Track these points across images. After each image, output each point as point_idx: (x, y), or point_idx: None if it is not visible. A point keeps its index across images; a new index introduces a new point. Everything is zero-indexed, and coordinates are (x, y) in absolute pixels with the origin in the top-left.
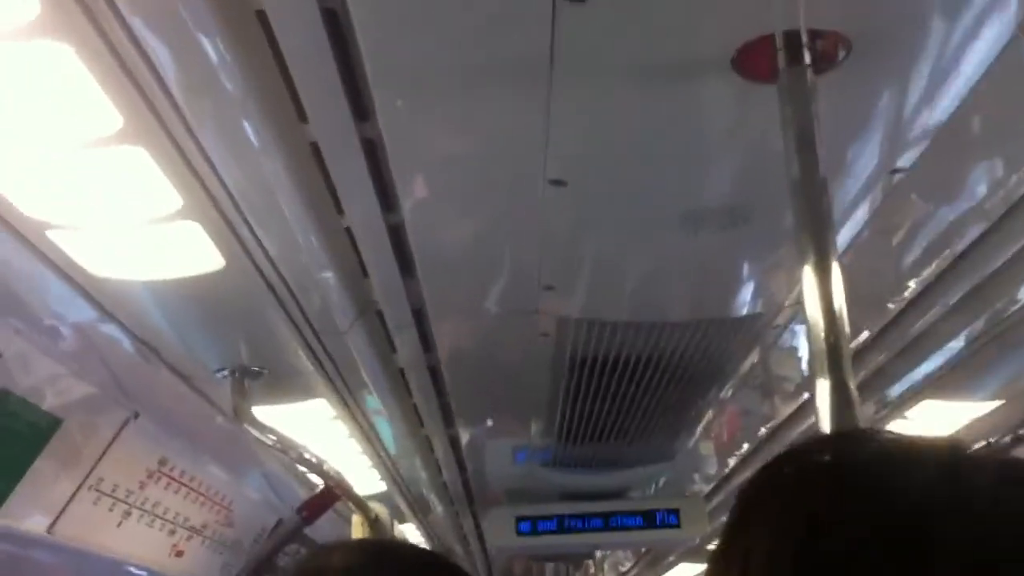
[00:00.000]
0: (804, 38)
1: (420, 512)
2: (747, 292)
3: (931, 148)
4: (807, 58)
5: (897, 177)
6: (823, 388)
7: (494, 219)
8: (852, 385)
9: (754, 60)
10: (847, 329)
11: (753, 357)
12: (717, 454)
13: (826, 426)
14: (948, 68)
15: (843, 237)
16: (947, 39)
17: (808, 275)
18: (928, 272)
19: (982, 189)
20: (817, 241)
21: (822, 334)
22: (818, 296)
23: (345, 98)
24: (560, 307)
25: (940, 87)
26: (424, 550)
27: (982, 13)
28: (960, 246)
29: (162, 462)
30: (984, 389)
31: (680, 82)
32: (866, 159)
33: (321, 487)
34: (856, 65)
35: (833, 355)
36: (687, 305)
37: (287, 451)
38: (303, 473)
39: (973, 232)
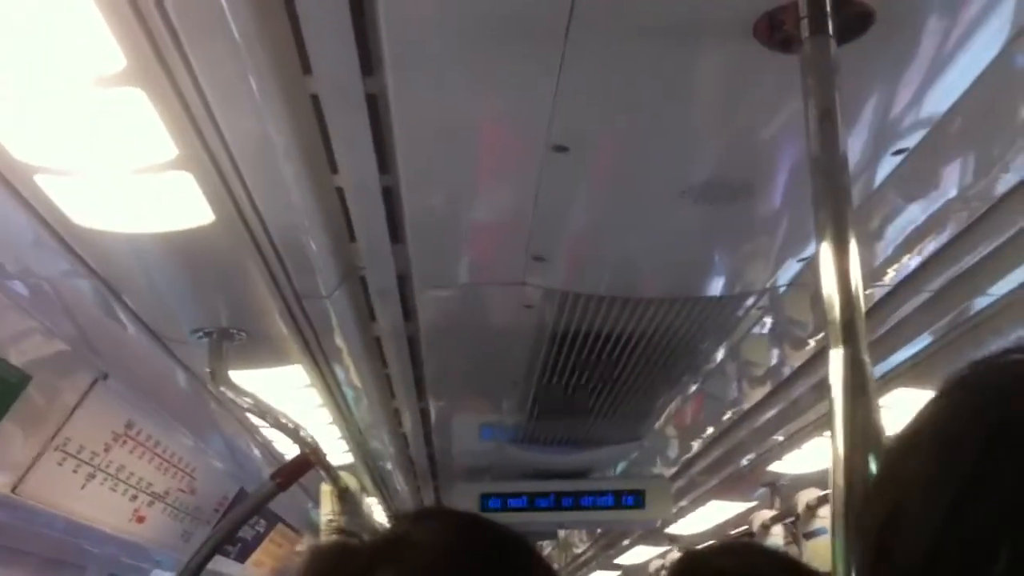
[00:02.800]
0: (829, 7)
1: (383, 486)
2: (737, 270)
3: (931, 133)
4: (831, 27)
5: (896, 159)
6: (837, 361)
7: (491, 185)
8: (867, 359)
9: (776, 28)
10: (863, 305)
11: (732, 339)
12: (683, 437)
13: (839, 401)
14: (955, 53)
15: None
16: (960, 22)
17: (825, 249)
18: (913, 259)
19: (972, 178)
20: (835, 215)
21: (837, 308)
22: (835, 271)
23: (355, 49)
24: (547, 279)
25: (947, 72)
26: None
27: None
28: (946, 235)
29: (129, 425)
30: None
31: (698, 49)
32: (868, 138)
33: (295, 455)
34: (878, 37)
35: (848, 329)
36: (675, 281)
37: (263, 415)
38: (267, 443)
39: (959, 222)
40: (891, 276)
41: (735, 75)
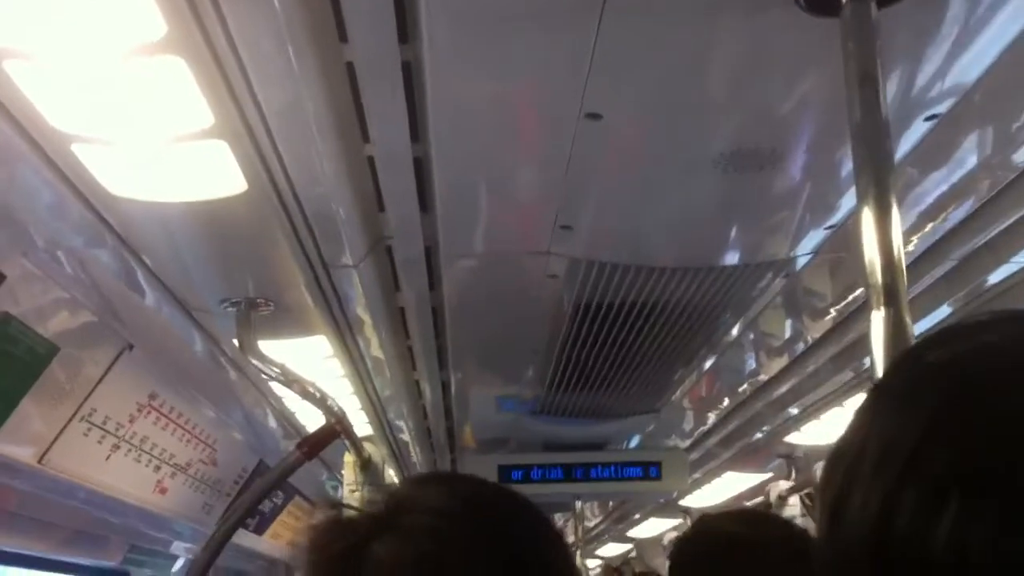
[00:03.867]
0: None
1: (400, 457)
2: (761, 239)
3: (961, 100)
4: None
5: (927, 125)
6: (879, 324)
7: (523, 153)
8: (909, 321)
9: None
10: (904, 269)
11: (753, 309)
12: (700, 409)
13: (880, 363)
14: (990, 18)
15: None
16: None
17: (867, 214)
18: (933, 227)
19: (1002, 146)
20: (877, 180)
21: (879, 272)
22: (876, 235)
23: (393, 16)
24: (574, 248)
25: (982, 38)
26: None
27: None
28: (972, 202)
29: (152, 396)
30: None
31: (738, 14)
32: (901, 103)
33: (320, 425)
34: (918, 2)
35: (890, 293)
36: (701, 251)
37: (290, 385)
38: (287, 415)
39: (985, 190)
40: (915, 244)
41: (773, 41)
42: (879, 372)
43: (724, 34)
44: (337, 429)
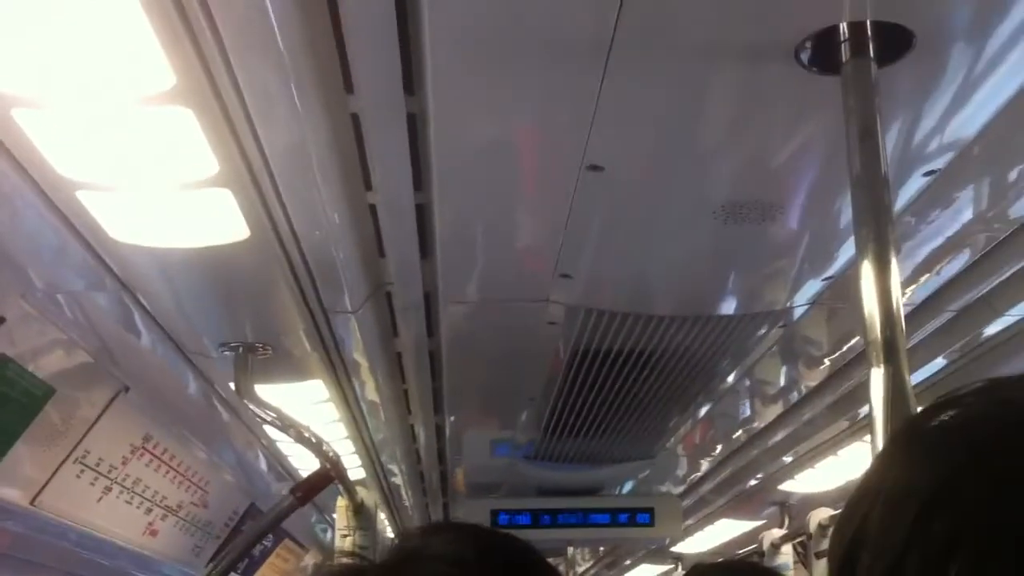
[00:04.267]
0: (870, 30)
1: (392, 501)
2: (759, 289)
3: (960, 155)
4: (872, 50)
5: (925, 180)
6: (878, 380)
7: (524, 202)
8: (908, 378)
9: (817, 51)
10: (903, 324)
11: (750, 358)
12: (694, 455)
13: (880, 418)
14: (988, 75)
15: None
16: (997, 45)
17: (866, 268)
18: (927, 279)
19: (998, 200)
20: (877, 234)
21: (879, 327)
22: (876, 290)
23: (399, 69)
24: (573, 296)
25: (980, 94)
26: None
27: None
28: (968, 256)
29: (146, 438)
30: None
31: (740, 70)
32: (900, 159)
33: (314, 469)
34: (916, 61)
35: (890, 348)
36: (700, 300)
37: (286, 430)
38: (279, 458)
39: (982, 243)
40: (911, 296)
41: (773, 96)
42: (879, 426)
43: (726, 89)
44: (332, 474)
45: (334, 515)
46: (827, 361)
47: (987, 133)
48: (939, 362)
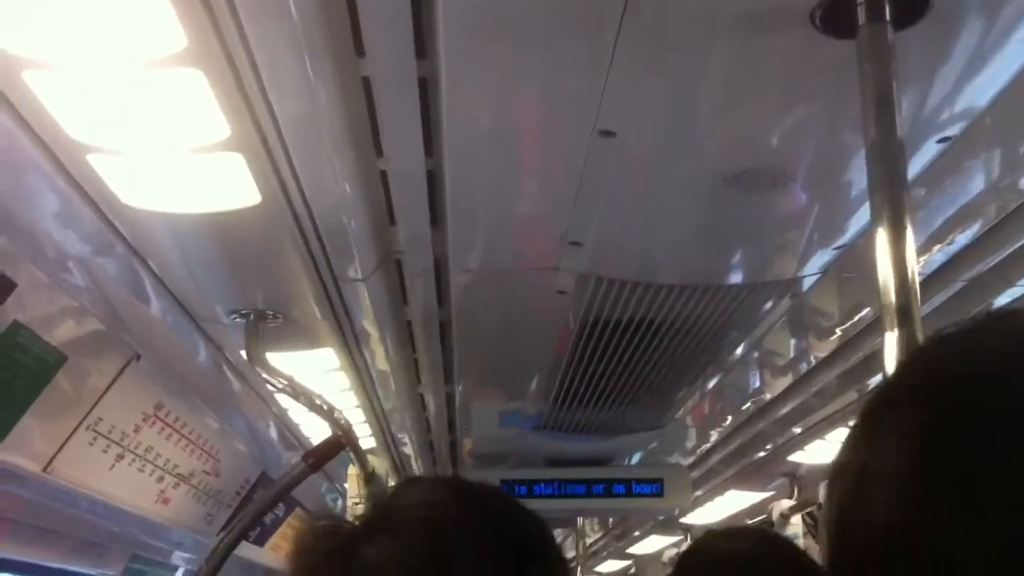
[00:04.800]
0: None
1: (402, 470)
2: (770, 258)
3: (974, 123)
4: (888, 14)
5: (939, 147)
6: (892, 345)
7: (535, 169)
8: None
9: (833, 15)
10: (918, 290)
11: (759, 327)
12: (704, 426)
13: None
14: (1005, 40)
15: None
16: (1013, 8)
17: (881, 234)
18: (940, 249)
19: (1013, 168)
20: (892, 201)
21: (893, 292)
22: (891, 256)
23: (411, 32)
24: (583, 264)
25: (997, 59)
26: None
27: None
28: (980, 224)
29: (158, 406)
30: None
31: (754, 35)
32: (915, 125)
33: (326, 437)
34: (932, 24)
35: (904, 314)
36: (711, 268)
37: (297, 397)
38: (288, 427)
39: (995, 211)
40: (923, 265)
41: (789, 62)
42: None
43: (739, 54)
44: (343, 442)
45: (345, 484)
46: (838, 331)
47: (1001, 100)
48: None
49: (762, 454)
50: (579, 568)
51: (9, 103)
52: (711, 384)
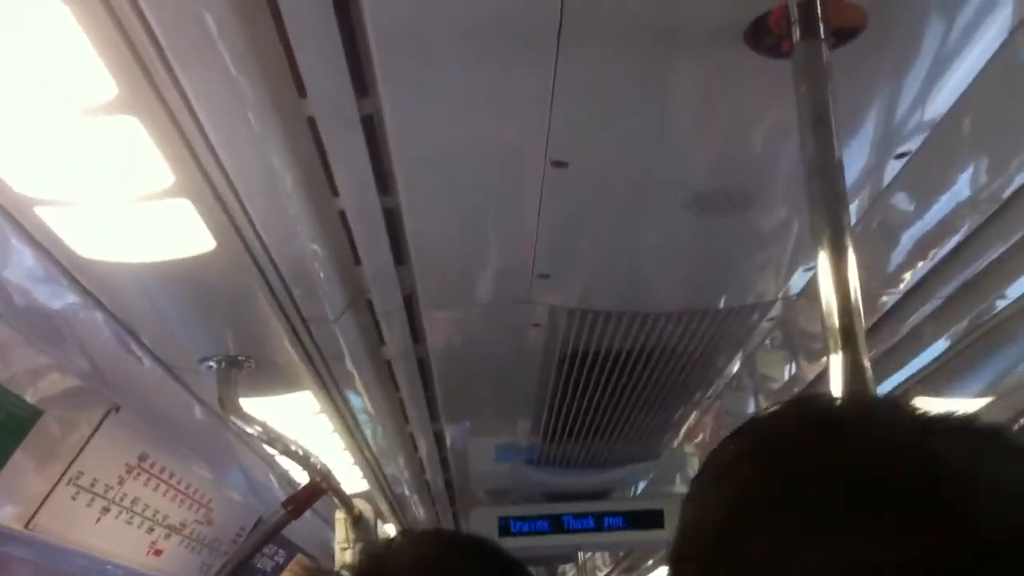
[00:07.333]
0: (819, 10)
1: (400, 512)
2: (744, 282)
3: (935, 135)
4: (822, 31)
5: (901, 162)
6: (837, 368)
7: (492, 203)
8: (867, 364)
9: (767, 33)
10: (862, 310)
11: (744, 352)
12: (701, 454)
13: None
14: (955, 52)
15: None
16: (958, 20)
17: (822, 256)
18: (923, 264)
19: (980, 180)
20: (832, 221)
21: (836, 315)
22: (832, 277)
23: (347, 70)
24: (554, 296)
25: (947, 71)
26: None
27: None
28: (955, 239)
29: (142, 457)
30: (973, 386)
31: (690, 55)
32: (869, 141)
33: (306, 482)
34: (870, 41)
35: (847, 335)
36: (683, 295)
37: (273, 443)
38: (284, 472)
39: (968, 225)
40: (905, 282)
41: (726, 82)
42: None
43: (678, 76)
44: (323, 486)
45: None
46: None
47: (961, 110)
48: (934, 349)
49: None
50: None
51: None
52: (703, 410)
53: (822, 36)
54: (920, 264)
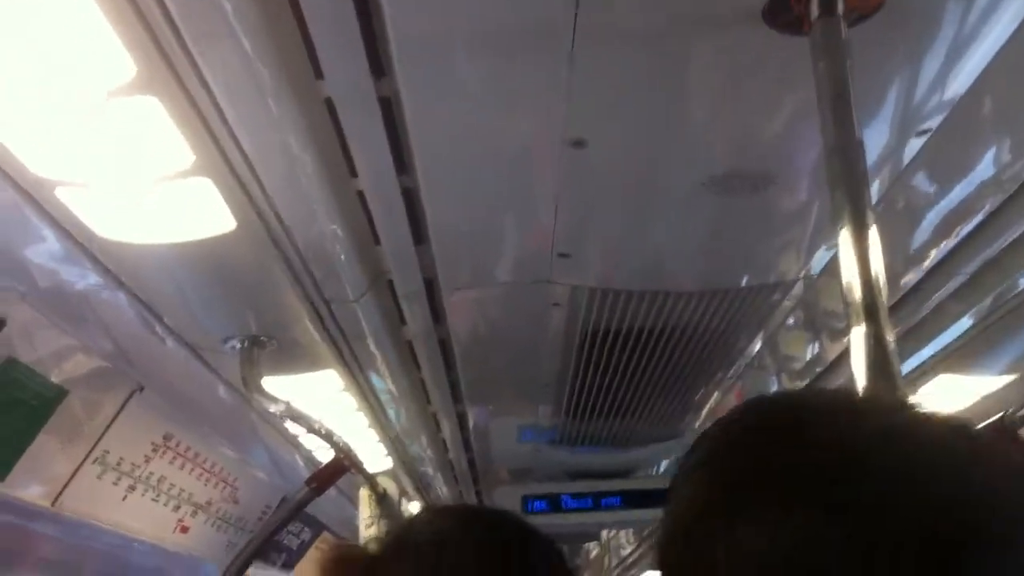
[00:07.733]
0: None
1: (424, 490)
2: (764, 262)
3: (955, 113)
4: (841, 8)
5: (921, 140)
6: (859, 346)
7: (511, 183)
8: (891, 342)
9: (785, 11)
10: (884, 287)
11: (765, 331)
12: None
13: (862, 381)
14: (975, 29)
15: None
16: None
17: (844, 234)
18: (945, 243)
19: (1002, 158)
20: (853, 199)
21: (858, 293)
22: (855, 255)
23: (363, 53)
24: (574, 276)
25: (967, 49)
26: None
27: None
28: (977, 218)
29: (167, 436)
30: (997, 364)
31: (708, 35)
32: (889, 120)
33: (330, 459)
34: (889, 18)
35: (870, 313)
36: (703, 274)
37: (296, 421)
38: (308, 453)
39: (990, 204)
40: (929, 260)
41: (744, 61)
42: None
43: (695, 55)
44: (345, 463)
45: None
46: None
47: (981, 87)
48: (957, 327)
49: None
50: None
51: None
52: (725, 389)
53: (840, 13)
54: (943, 243)
